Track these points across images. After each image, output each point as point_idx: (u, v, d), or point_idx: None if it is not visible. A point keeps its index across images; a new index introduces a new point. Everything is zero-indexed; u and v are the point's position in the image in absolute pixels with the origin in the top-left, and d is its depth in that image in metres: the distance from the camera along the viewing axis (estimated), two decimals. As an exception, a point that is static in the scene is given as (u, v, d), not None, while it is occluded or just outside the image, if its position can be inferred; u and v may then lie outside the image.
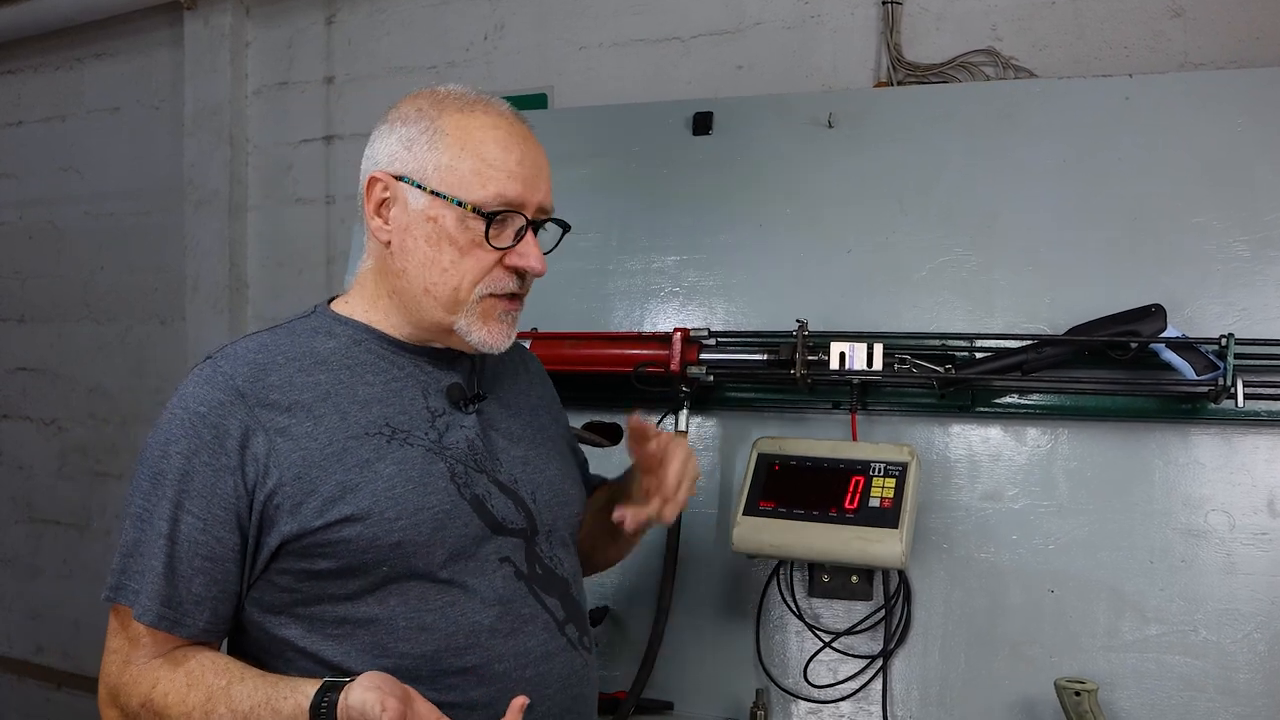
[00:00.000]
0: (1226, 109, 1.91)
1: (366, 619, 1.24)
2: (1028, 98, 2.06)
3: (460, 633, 1.26)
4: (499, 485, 1.34)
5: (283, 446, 1.23)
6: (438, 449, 1.30)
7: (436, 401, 1.34)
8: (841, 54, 2.69)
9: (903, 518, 1.74)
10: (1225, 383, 1.71)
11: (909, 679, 1.91)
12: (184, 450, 1.22)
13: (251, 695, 1.17)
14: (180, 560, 1.21)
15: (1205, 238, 1.88)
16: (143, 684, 1.22)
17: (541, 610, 1.34)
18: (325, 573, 1.23)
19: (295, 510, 1.22)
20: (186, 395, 1.26)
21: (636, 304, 2.23)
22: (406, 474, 1.26)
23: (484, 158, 1.27)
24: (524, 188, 1.28)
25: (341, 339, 1.34)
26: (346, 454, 1.25)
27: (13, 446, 4.20)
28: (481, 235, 1.27)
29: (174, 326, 3.75)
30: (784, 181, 2.16)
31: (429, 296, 1.30)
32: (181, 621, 1.22)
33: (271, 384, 1.26)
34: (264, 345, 1.31)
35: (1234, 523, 1.80)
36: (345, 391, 1.29)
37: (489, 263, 1.29)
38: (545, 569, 1.36)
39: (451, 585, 1.27)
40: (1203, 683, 1.77)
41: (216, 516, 1.22)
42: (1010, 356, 1.85)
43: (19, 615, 4.18)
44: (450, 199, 1.27)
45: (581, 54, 3.02)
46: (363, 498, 1.23)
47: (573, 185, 2.31)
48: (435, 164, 1.28)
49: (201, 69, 3.58)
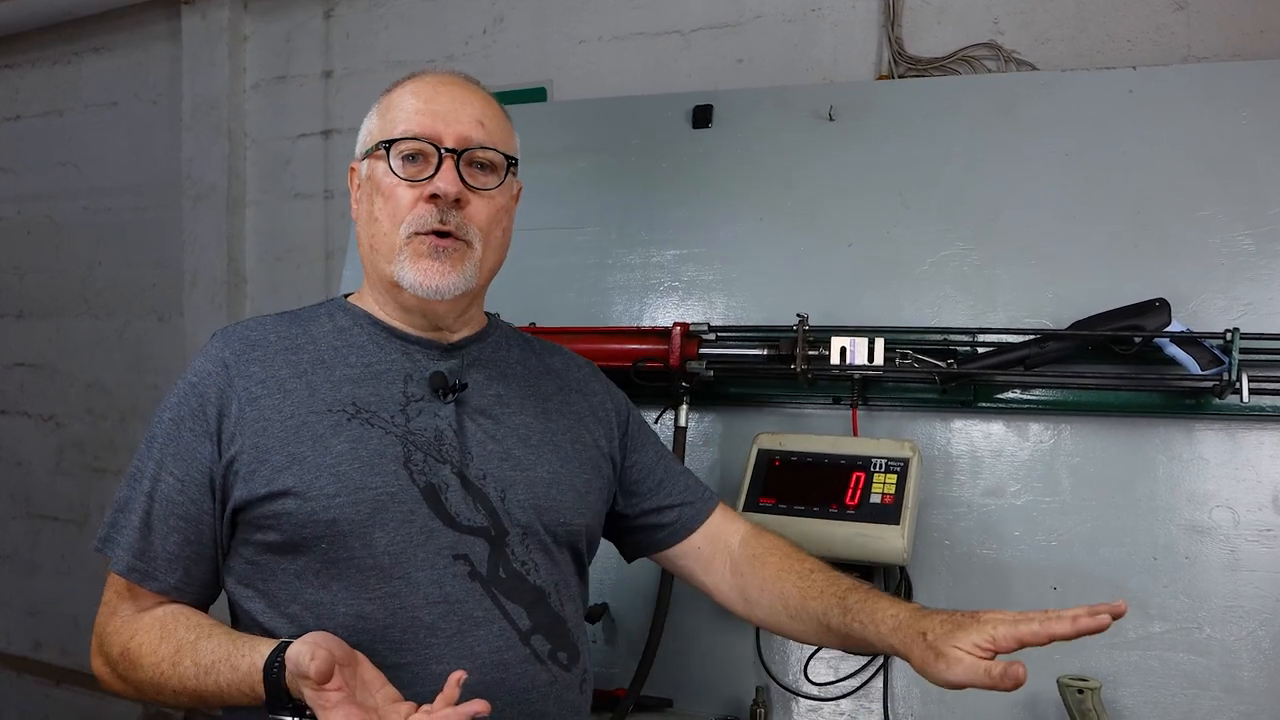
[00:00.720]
0: (1231, 102, 1.89)
1: (313, 601, 1.24)
2: (1031, 90, 2.05)
3: (397, 626, 1.23)
4: (463, 479, 1.30)
5: (250, 415, 1.26)
6: (400, 433, 1.29)
7: (416, 388, 1.33)
8: (842, 47, 2.68)
9: (904, 514, 1.73)
10: (1230, 378, 1.69)
11: (910, 677, 1.89)
12: (174, 416, 1.29)
13: (214, 651, 1.19)
14: (156, 518, 1.27)
15: (1209, 231, 1.86)
16: (123, 633, 1.27)
17: (499, 616, 1.27)
18: (274, 545, 1.25)
19: (249, 479, 1.24)
20: (188, 369, 1.33)
21: (635, 298, 2.21)
22: (356, 452, 1.25)
23: (398, 107, 1.34)
24: (433, 120, 1.31)
25: (340, 322, 1.38)
26: (304, 428, 1.26)
27: (10, 442, 4.19)
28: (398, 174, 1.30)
29: (172, 322, 3.75)
30: (784, 175, 2.15)
31: (375, 252, 1.34)
32: (152, 575, 1.27)
33: (255, 358, 1.31)
34: (262, 325, 1.37)
35: (1238, 519, 1.79)
36: (323, 370, 1.31)
37: (409, 200, 1.30)
38: (512, 573, 1.30)
39: (393, 574, 1.24)
40: (1206, 680, 1.75)
41: (193, 479, 1.26)
42: (1013, 351, 1.84)
43: (17, 612, 4.18)
44: (373, 148, 1.34)
45: (581, 47, 3.01)
46: (306, 470, 1.23)
47: (572, 179, 2.32)
48: (369, 130, 1.37)
49: (199, 63, 3.57)
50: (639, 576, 2.03)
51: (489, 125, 1.34)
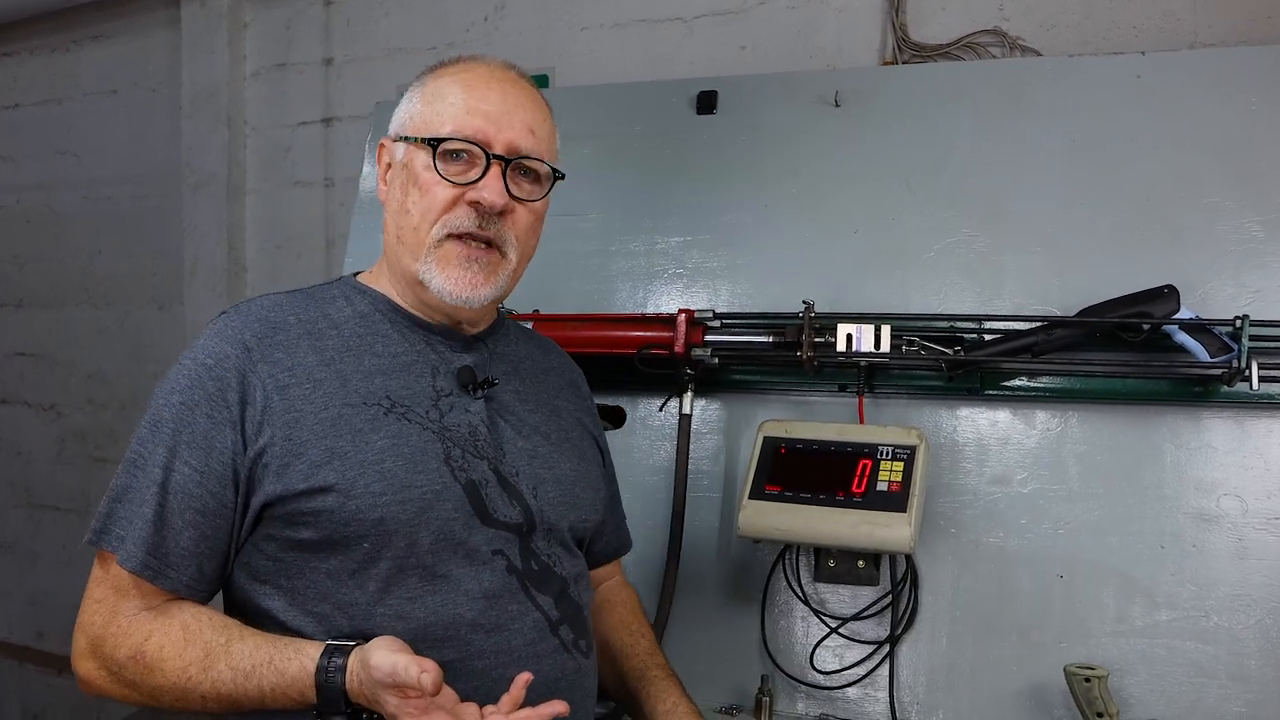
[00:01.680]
0: (1240, 88, 1.88)
1: (347, 602, 1.21)
2: (1038, 76, 2.03)
3: (439, 624, 1.21)
4: (498, 475, 1.29)
5: (279, 405, 1.21)
6: (437, 429, 1.26)
7: (444, 382, 1.31)
8: (846, 34, 2.66)
9: (911, 502, 1.72)
10: (1240, 365, 1.68)
11: (916, 665, 1.89)
12: (186, 400, 1.21)
13: (253, 654, 1.15)
14: (171, 511, 1.19)
15: (1218, 218, 1.85)
16: (134, 635, 1.18)
17: (533, 609, 1.28)
18: (307, 544, 1.20)
19: (281, 472, 1.19)
20: (197, 347, 1.25)
21: (640, 285, 2.20)
22: (399, 449, 1.22)
23: (447, 98, 1.29)
24: (484, 122, 1.27)
25: (359, 306, 1.33)
26: (340, 421, 1.21)
27: (11, 432, 4.18)
28: (441, 171, 1.26)
29: (172, 311, 3.73)
30: (790, 161, 2.13)
31: (400, 244, 1.30)
32: (165, 573, 1.19)
33: (278, 342, 1.25)
34: (279, 304, 1.31)
35: (1246, 507, 1.78)
36: (351, 359, 1.27)
37: (447, 199, 1.26)
38: (542, 565, 1.31)
39: (435, 573, 1.22)
40: (1214, 669, 1.75)
41: (213, 470, 1.19)
42: (1020, 338, 1.83)
43: (19, 601, 4.18)
44: (415, 139, 1.28)
45: (583, 35, 2.99)
46: (349, 467, 1.19)
47: (575, 166, 2.27)
48: (410, 114, 1.32)
49: (199, 51, 3.55)
50: (644, 565, 2.02)
51: (539, 133, 1.31)
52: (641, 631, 1.58)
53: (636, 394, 2.15)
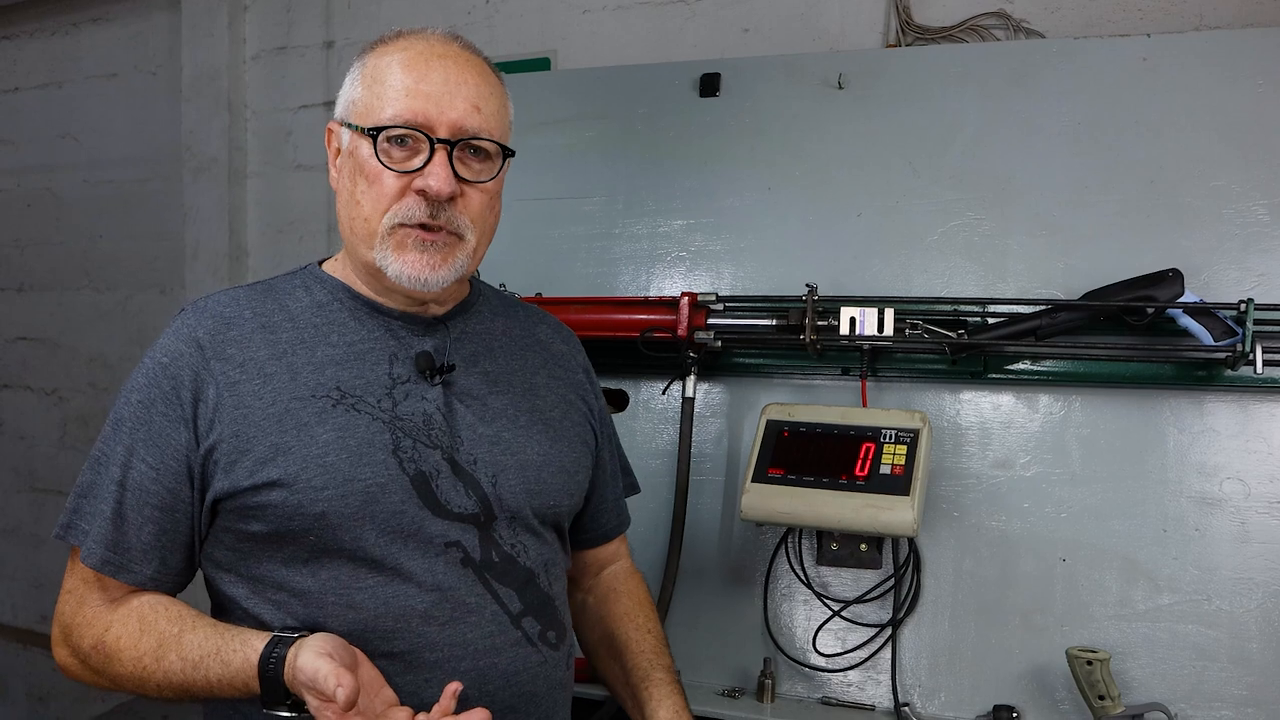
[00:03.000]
0: (1246, 70, 1.87)
1: (301, 590, 1.20)
2: (1043, 58, 2.02)
3: (389, 615, 1.19)
4: (453, 464, 1.26)
5: (228, 401, 1.20)
6: (388, 419, 1.24)
7: (401, 369, 1.27)
8: (850, 17, 2.64)
9: (914, 485, 1.72)
10: (1243, 349, 1.68)
11: (918, 648, 1.90)
12: (143, 399, 1.22)
13: (202, 645, 1.16)
14: (130, 507, 1.20)
15: (1223, 201, 1.85)
16: (96, 626, 1.21)
17: (491, 600, 1.25)
18: (259, 536, 1.20)
19: (230, 469, 1.19)
20: (156, 346, 1.26)
21: (643, 268, 2.20)
22: (344, 441, 1.20)
23: (385, 82, 1.23)
24: (425, 104, 1.21)
25: (317, 296, 1.31)
26: (287, 415, 1.20)
27: (14, 416, 4.18)
28: (385, 159, 1.21)
29: (174, 295, 3.72)
30: (793, 144, 2.13)
31: (353, 235, 1.27)
32: (127, 568, 1.21)
33: (231, 338, 1.24)
34: (235, 299, 1.29)
35: (1249, 491, 1.78)
36: (304, 351, 1.25)
37: (395, 189, 1.22)
38: (505, 556, 1.27)
39: (384, 565, 1.20)
40: (1215, 652, 1.75)
41: (169, 467, 1.20)
42: (1024, 322, 1.83)
43: (23, 584, 4.19)
44: (358, 128, 1.24)
45: (585, 17, 2.97)
46: (292, 462, 1.18)
47: (578, 149, 2.29)
48: (351, 99, 1.27)
49: (199, 33, 3.53)
50: (647, 549, 2.03)
51: (485, 109, 1.24)
52: (648, 627, 1.51)
53: (639, 377, 2.15)
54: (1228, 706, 1.73)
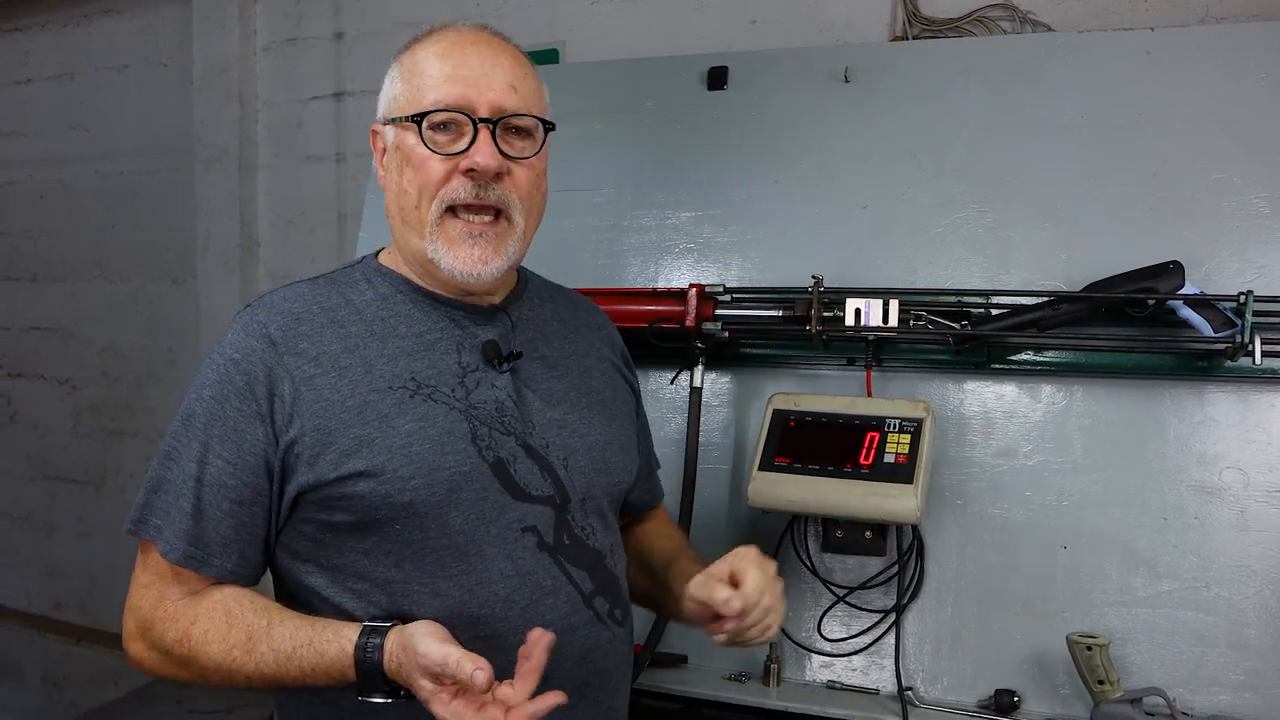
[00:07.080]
0: (1249, 64, 1.88)
1: (384, 580, 1.24)
2: (1048, 51, 2.04)
3: (474, 602, 1.23)
4: (527, 449, 1.30)
5: (307, 396, 1.23)
6: (463, 407, 1.27)
7: (470, 358, 1.31)
8: (856, 9, 2.66)
9: (918, 473, 1.75)
10: (1243, 340, 1.70)
11: (921, 634, 1.92)
12: (216, 395, 1.24)
13: (293, 636, 1.18)
14: (208, 502, 1.22)
15: (1225, 194, 1.86)
16: (181, 620, 1.22)
17: (566, 582, 1.29)
18: (342, 526, 1.23)
19: (313, 462, 1.21)
20: (225, 342, 1.28)
21: (651, 260, 2.22)
22: (425, 431, 1.23)
23: (425, 71, 1.27)
24: (465, 87, 1.25)
25: (380, 289, 1.34)
26: (367, 408, 1.23)
27: (27, 405, 4.23)
28: (431, 145, 1.25)
29: (185, 285, 3.76)
30: (800, 136, 2.14)
31: (405, 225, 1.30)
32: (208, 562, 1.23)
33: (302, 333, 1.26)
34: (301, 295, 1.32)
35: (1248, 480, 1.80)
36: (375, 344, 1.28)
37: (442, 172, 1.25)
38: (575, 539, 1.31)
39: (468, 553, 1.24)
40: (1214, 638, 1.78)
41: (246, 461, 1.22)
42: (1027, 313, 1.85)
43: (37, 571, 4.23)
44: (402, 119, 1.27)
45: (593, 9, 2.99)
46: (378, 453, 1.21)
47: (586, 141, 2.31)
48: (393, 96, 1.30)
49: (209, 25, 3.56)
50: (654, 535, 2.05)
51: (522, 89, 1.28)
52: (671, 535, 1.60)
53: (648, 368, 2.17)
54: (1225, 691, 1.76)
